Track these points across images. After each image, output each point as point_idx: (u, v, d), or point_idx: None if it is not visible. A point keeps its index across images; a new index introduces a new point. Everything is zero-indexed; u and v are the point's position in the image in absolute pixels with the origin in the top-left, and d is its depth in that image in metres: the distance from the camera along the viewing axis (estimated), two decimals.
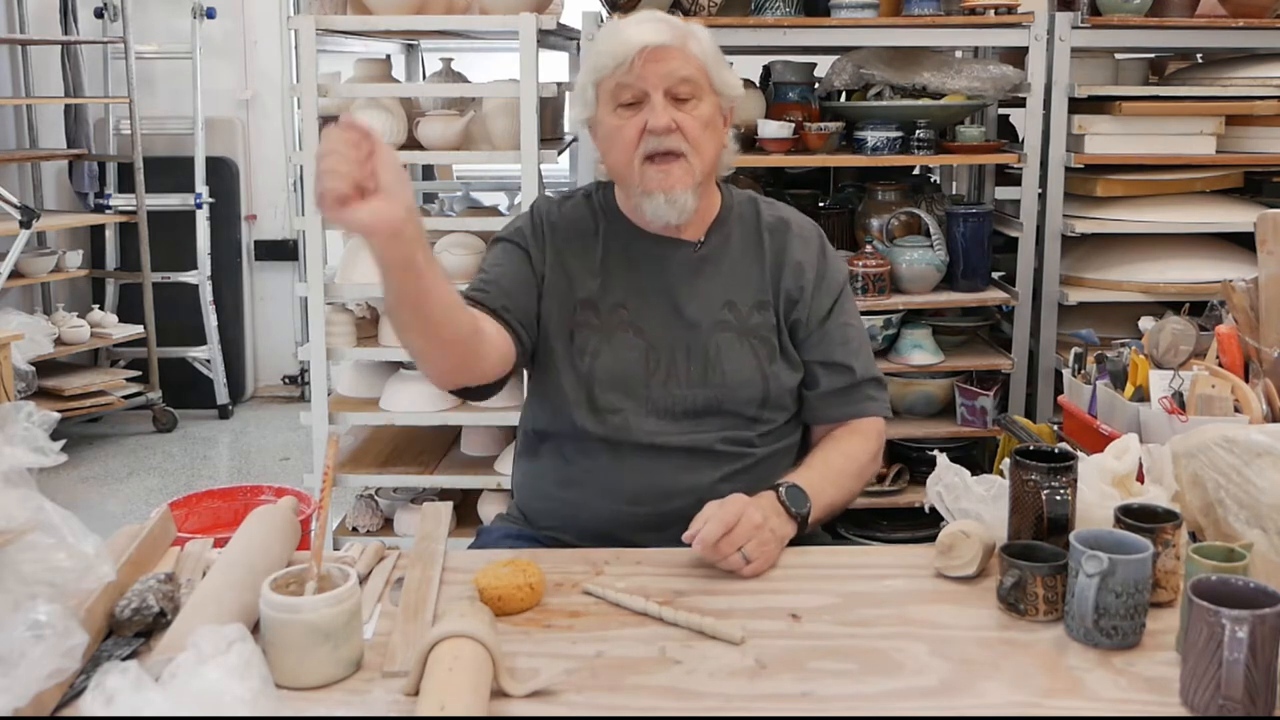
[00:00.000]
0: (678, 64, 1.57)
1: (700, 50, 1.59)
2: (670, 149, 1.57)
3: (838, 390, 1.69)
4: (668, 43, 1.56)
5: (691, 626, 1.25)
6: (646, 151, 1.58)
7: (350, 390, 3.21)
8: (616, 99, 1.59)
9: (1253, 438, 1.40)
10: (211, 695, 0.99)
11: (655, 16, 1.62)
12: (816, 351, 1.69)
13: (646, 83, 1.56)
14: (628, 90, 1.58)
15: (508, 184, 4.47)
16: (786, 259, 1.69)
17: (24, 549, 1.11)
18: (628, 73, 1.56)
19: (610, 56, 1.57)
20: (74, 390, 4.40)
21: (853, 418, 1.70)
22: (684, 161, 1.58)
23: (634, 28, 1.58)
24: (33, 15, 4.71)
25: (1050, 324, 2.99)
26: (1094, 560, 1.21)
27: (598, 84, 1.61)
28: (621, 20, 1.62)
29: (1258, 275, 2.09)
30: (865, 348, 1.73)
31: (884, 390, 1.73)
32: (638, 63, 1.55)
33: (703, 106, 1.59)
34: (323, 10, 2.96)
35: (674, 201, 1.59)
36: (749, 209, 1.74)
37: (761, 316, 1.67)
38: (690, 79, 1.58)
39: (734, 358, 1.65)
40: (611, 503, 1.63)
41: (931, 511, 1.54)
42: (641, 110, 1.58)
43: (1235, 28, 2.89)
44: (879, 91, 3.00)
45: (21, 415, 1.15)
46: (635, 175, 1.60)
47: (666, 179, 1.58)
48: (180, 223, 4.82)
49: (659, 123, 1.56)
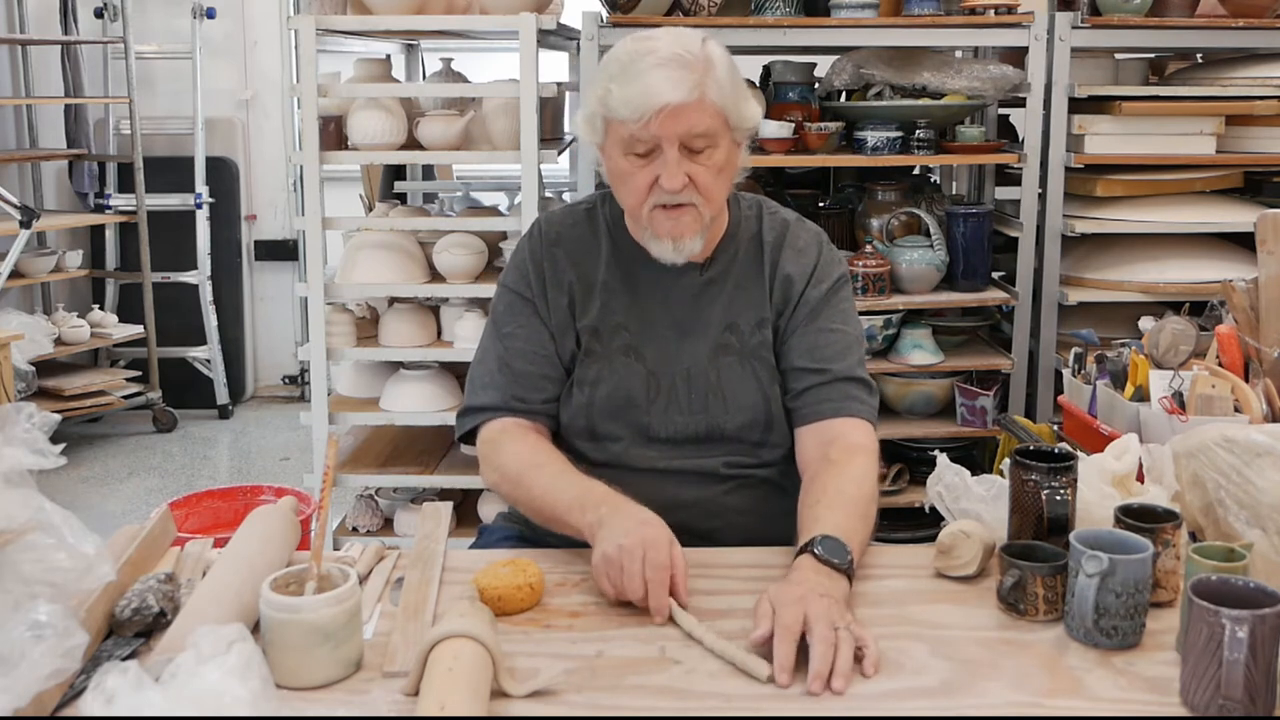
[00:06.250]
0: (696, 119, 1.48)
1: (719, 96, 1.49)
2: (681, 202, 1.53)
3: (811, 388, 1.60)
4: (687, 100, 1.46)
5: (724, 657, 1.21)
6: (656, 202, 1.53)
7: (350, 390, 3.21)
8: (629, 147, 1.51)
9: (1253, 438, 1.40)
10: (211, 695, 0.99)
11: (675, 58, 1.48)
12: (790, 358, 1.62)
13: (661, 139, 1.49)
14: (641, 144, 1.50)
15: (508, 184, 4.47)
16: (779, 273, 1.64)
17: (24, 549, 1.11)
18: (643, 128, 1.47)
19: (626, 105, 1.47)
20: (74, 390, 4.40)
21: (832, 416, 1.58)
22: (693, 210, 1.54)
23: (653, 75, 1.46)
24: (33, 15, 4.71)
25: (1050, 324, 3.00)
26: (1094, 560, 1.21)
27: (608, 120, 1.52)
28: (639, 55, 1.49)
29: (1258, 275, 2.09)
30: (851, 353, 1.63)
31: (870, 393, 1.62)
32: (653, 121, 1.46)
33: (717, 154, 1.52)
34: (323, 10, 2.96)
35: (681, 248, 1.56)
36: (753, 222, 1.68)
37: (761, 335, 1.63)
38: (707, 131, 1.49)
39: (735, 383, 1.61)
40: None
41: (931, 511, 1.54)
42: (653, 161, 1.51)
43: (1235, 28, 2.89)
44: (879, 91, 3.00)
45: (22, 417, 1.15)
46: (644, 219, 1.56)
47: (676, 226, 1.54)
48: (180, 223, 4.82)
49: (673, 184, 1.49)
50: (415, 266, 3.06)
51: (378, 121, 2.94)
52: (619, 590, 1.32)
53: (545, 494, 1.51)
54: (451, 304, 3.12)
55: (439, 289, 3.03)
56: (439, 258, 3.02)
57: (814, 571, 1.30)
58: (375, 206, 3.55)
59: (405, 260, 3.05)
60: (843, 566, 1.32)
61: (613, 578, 1.32)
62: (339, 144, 3.00)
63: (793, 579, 1.29)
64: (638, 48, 1.51)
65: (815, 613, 1.20)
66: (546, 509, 1.51)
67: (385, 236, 3.08)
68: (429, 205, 3.86)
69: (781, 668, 1.17)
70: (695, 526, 1.55)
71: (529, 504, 1.55)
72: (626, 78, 1.49)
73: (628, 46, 1.52)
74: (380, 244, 3.06)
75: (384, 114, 2.95)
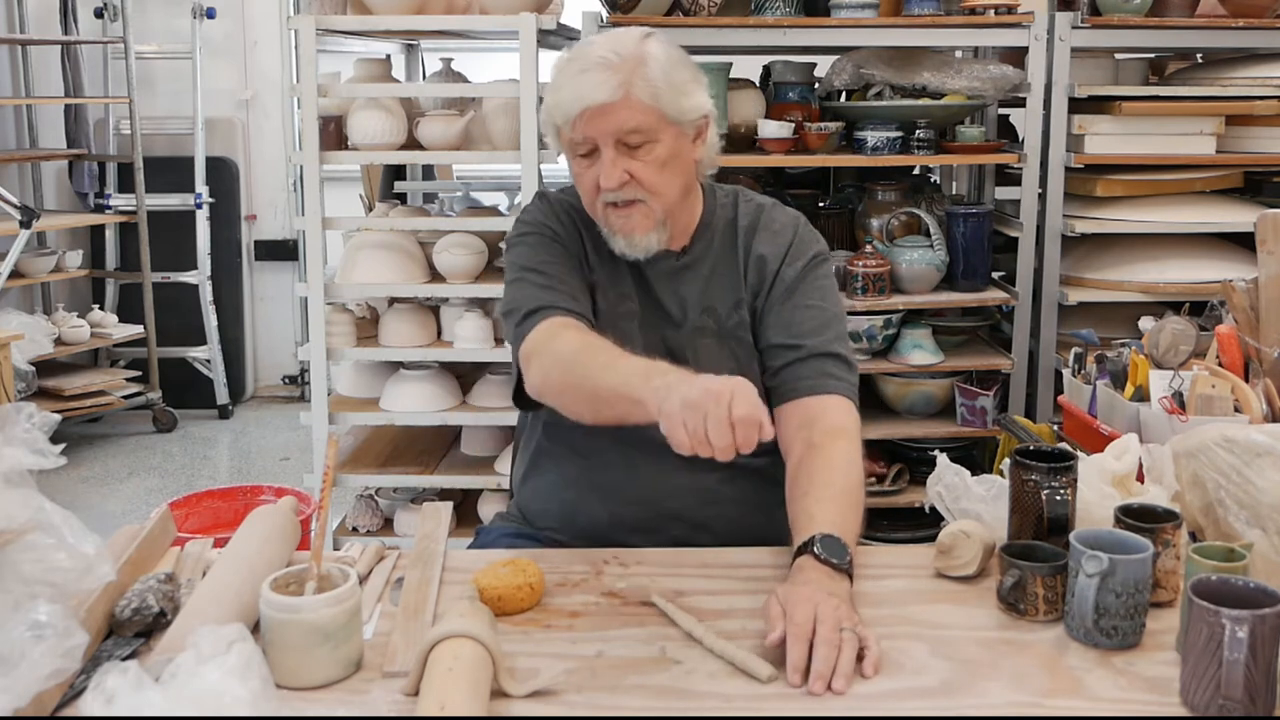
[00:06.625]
0: (624, 116, 1.51)
1: (649, 92, 1.51)
2: (627, 199, 1.56)
3: (788, 365, 1.59)
4: (609, 99, 1.50)
5: (725, 657, 1.22)
6: (605, 200, 1.57)
7: (350, 390, 3.21)
8: (573, 150, 1.57)
9: (1253, 438, 1.40)
10: (211, 695, 0.99)
11: (599, 61, 1.52)
12: (767, 335, 1.63)
13: (595, 139, 1.53)
14: (580, 146, 1.55)
15: (508, 184, 4.47)
16: (752, 254, 1.66)
17: (24, 549, 1.11)
18: (574, 130, 1.53)
19: (557, 109, 1.54)
20: (74, 390, 4.40)
21: (809, 394, 1.56)
22: (643, 206, 1.56)
23: (574, 81, 1.52)
24: (33, 15, 4.71)
25: (1050, 324, 3.00)
26: (1094, 560, 1.21)
27: (556, 127, 1.58)
28: (568, 62, 1.55)
29: (1258, 275, 2.09)
30: (829, 328, 1.61)
31: (849, 370, 1.60)
32: (580, 122, 1.52)
33: (658, 149, 1.54)
34: (323, 10, 2.96)
35: (635, 245, 1.59)
36: (729, 209, 1.71)
37: (739, 316, 1.65)
38: (639, 128, 1.52)
39: (714, 363, 1.61)
40: (609, 504, 1.62)
41: (931, 511, 1.54)
42: (596, 161, 1.55)
43: (1235, 28, 2.89)
44: (879, 91, 3.00)
45: (22, 417, 1.15)
46: (599, 218, 1.61)
47: (626, 223, 1.58)
48: (180, 223, 4.82)
49: (609, 183, 1.53)
50: (415, 266, 3.07)
51: (378, 121, 2.94)
52: (697, 440, 1.22)
53: (605, 368, 1.42)
54: (451, 304, 3.12)
55: (439, 289, 3.03)
56: (439, 258, 3.02)
57: (817, 572, 1.31)
58: (375, 206, 3.55)
59: (405, 260, 3.05)
60: (843, 566, 1.32)
61: (692, 425, 1.22)
62: (339, 144, 3.00)
63: (799, 580, 1.29)
64: (570, 54, 1.57)
65: (823, 614, 1.21)
66: (605, 384, 1.40)
67: (385, 236, 3.08)
68: (429, 205, 3.86)
69: (795, 668, 1.18)
70: (690, 516, 1.59)
71: (584, 381, 1.45)
72: (556, 86, 1.55)
73: (564, 55, 1.59)
74: (380, 244, 3.06)
75: (384, 114, 2.95)
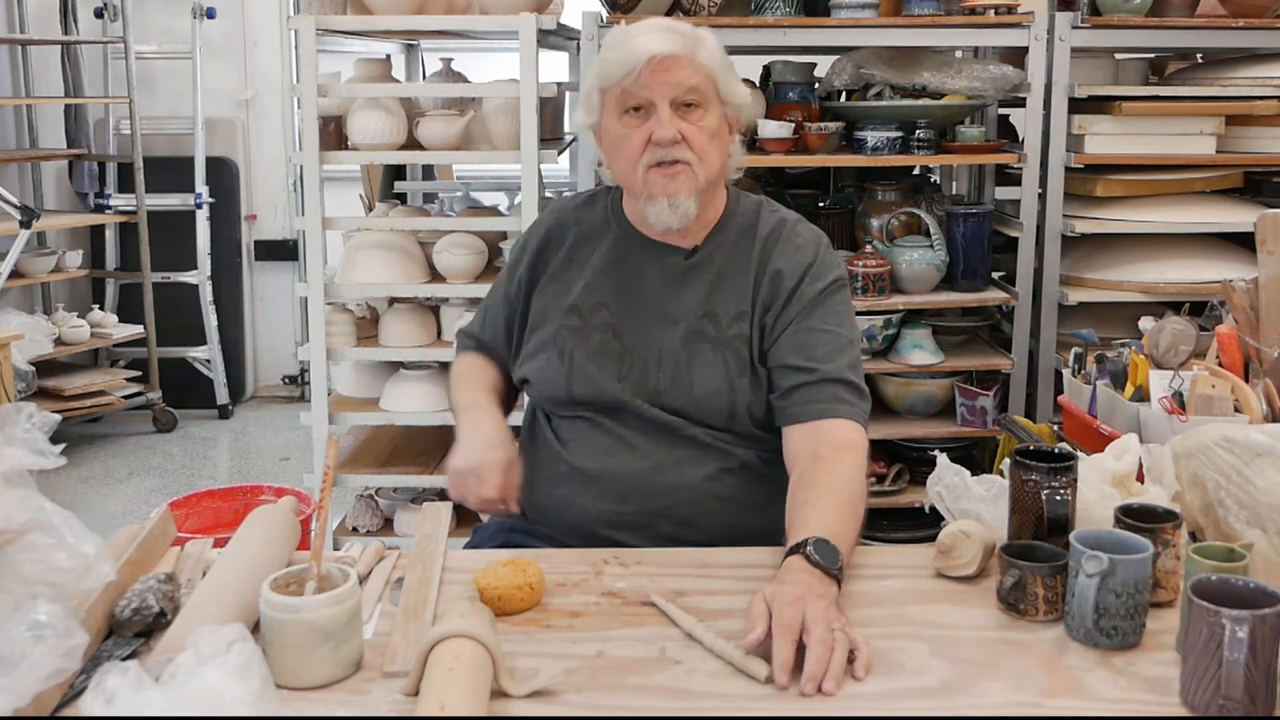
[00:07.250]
0: (686, 73, 1.57)
1: (709, 59, 1.59)
2: (675, 159, 1.58)
3: (799, 387, 1.59)
4: (676, 52, 1.56)
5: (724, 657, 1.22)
6: (652, 160, 1.59)
7: (350, 390, 3.21)
8: (623, 106, 1.60)
9: (1253, 438, 1.40)
10: (211, 695, 0.99)
11: (665, 25, 1.61)
12: (779, 355, 1.62)
13: (653, 92, 1.57)
14: (634, 98, 1.58)
15: (508, 184, 4.47)
16: (769, 267, 1.66)
17: (24, 549, 1.11)
18: (634, 81, 1.56)
19: (617, 64, 1.57)
20: (74, 390, 4.40)
21: (819, 418, 1.57)
22: (689, 169, 1.59)
23: (643, 36, 1.58)
24: (33, 15, 4.71)
25: (1050, 324, 2.99)
26: (1094, 560, 1.21)
27: (604, 90, 1.61)
28: (630, 27, 1.61)
29: (1258, 275, 2.09)
30: (843, 355, 1.62)
31: (861, 398, 1.60)
32: (645, 72, 1.55)
33: (709, 117, 1.60)
34: (323, 10, 2.96)
35: (676, 207, 1.60)
36: (750, 216, 1.71)
37: (738, 328, 1.64)
38: (697, 88, 1.58)
39: (703, 369, 1.63)
40: (599, 501, 1.63)
41: (931, 511, 1.54)
42: (648, 120, 1.58)
43: (1235, 28, 2.89)
44: (879, 91, 3.00)
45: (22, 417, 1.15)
46: (639, 182, 1.61)
47: (671, 184, 1.59)
48: (180, 223, 4.82)
49: (664, 135, 1.56)
50: (415, 266, 3.07)
51: (378, 121, 2.94)
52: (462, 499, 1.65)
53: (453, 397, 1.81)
54: (451, 304, 3.12)
55: (439, 289, 3.03)
56: (439, 258, 3.02)
57: (806, 574, 1.30)
58: (375, 206, 3.55)
59: (405, 260, 3.05)
60: (833, 571, 1.31)
61: (456, 493, 1.65)
62: (339, 144, 3.00)
63: (787, 579, 1.28)
64: (626, 29, 1.63)
65: (813, 614, 1.20)
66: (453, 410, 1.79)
67: (385, 236, 3.08)
68: (429, 205, 3.86)
69: (781, 668, 1.17)
70: (676, 513, 1.61)
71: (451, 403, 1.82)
72: (616, 44, 1.60)
73: (618, 30, 1.65)
74: (380, 244, 3.06)
75: (384, 114, 2.95)
